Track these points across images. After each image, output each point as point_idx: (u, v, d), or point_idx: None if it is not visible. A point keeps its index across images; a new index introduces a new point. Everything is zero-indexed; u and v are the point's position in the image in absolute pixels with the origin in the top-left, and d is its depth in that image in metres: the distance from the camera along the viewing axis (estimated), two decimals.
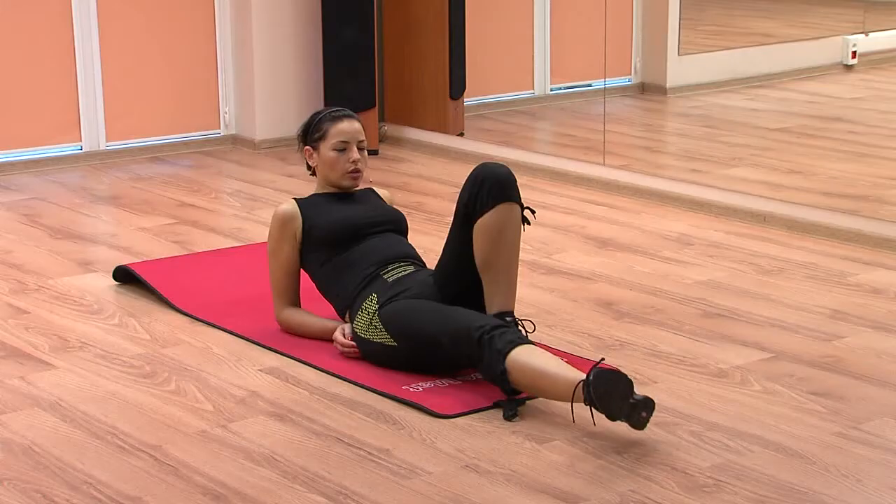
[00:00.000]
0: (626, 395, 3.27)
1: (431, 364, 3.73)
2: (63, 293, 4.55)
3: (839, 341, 4.03)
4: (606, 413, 3.27)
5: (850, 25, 7.37)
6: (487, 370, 3.52)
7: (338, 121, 4.07)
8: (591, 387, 3.27)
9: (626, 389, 3.27)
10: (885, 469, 3.16)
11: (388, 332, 3.75)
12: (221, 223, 5.52)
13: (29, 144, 6.45)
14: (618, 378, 3.27)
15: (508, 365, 3.46)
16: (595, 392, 3.26)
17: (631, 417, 3.28)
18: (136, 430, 3.41)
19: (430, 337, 3.66)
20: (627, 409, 3.27)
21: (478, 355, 3.53)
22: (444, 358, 3.68)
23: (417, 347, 3.70)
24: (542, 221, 4.86)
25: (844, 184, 5.86)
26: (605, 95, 6.97)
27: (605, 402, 3.26)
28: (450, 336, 3.61)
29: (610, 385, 3.27)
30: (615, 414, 3.27)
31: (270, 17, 6.76)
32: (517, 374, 3.46)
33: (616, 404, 3.26)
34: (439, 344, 3.63)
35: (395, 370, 3.76)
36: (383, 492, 3.05)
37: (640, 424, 3.29)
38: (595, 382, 3.27)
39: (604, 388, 3.26)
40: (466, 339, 3.55)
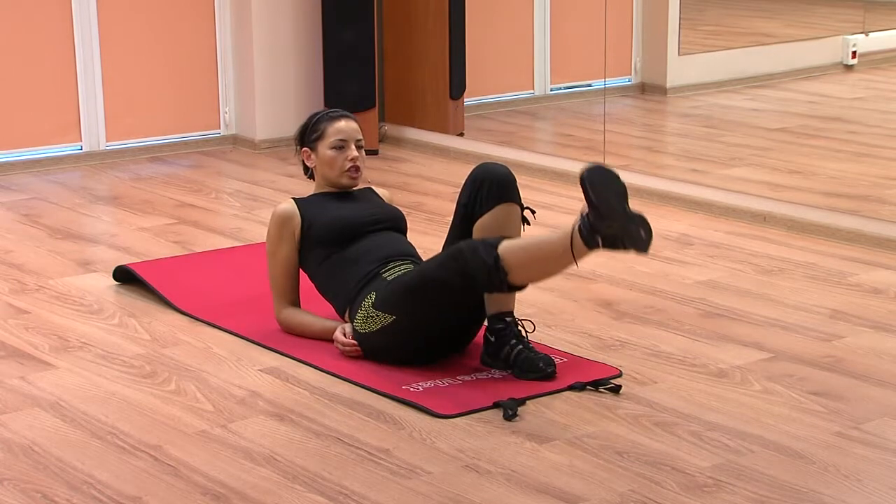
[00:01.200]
0: (622, 194, 3.35)
1: (432, 318, 3.69)
2: (63, 293, 4.56)
3: (839, 341, 4.03)
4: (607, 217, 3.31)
5: (850, 25, 7.37)
6: (482, 266, 3.50)
7: (335, 120, 4.08)
8: (588, 180, 3.35)
9: (621, 188, 3.35)
10: (885, 469, 3.16)
11: (384, 310, 3.73)
12: (221, 223, 5.52)
13: (29, 144, 6.45)
14: (610, 173, 3.37)
15: (501, 251, 3.49)
16: (593, 187, 3.33)
17: (628, 230, 3.31)
18: (137, 430, 3.41)
19: (421, 282, 3.66)
20: (624, 217, 3.32)
21: (469, 259, 3.52)
22: (440, 299, 3.64)
23: (415, 304, 3.68)
24: (542, 221, 4.85)
25: (844, 184, 5.86)
26: (606, 95, 6.97)
27: (603, 198, 3.32)
28: (439, 265, 3.61)
29: (606, 179, 3.36)
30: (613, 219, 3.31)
31: (270, 17, 6.76)
32: (510, 255, 3.48)
33: (613, 204, 3.32)
34: (433, 281, 3.62)
35: (396, 365, 3.77)
36: (383, 492, 3.05)
37: (640, 243, 3.31)
38: (591, 176, 3.36)
39: (600, 182, 3.35)
40: (455, 255, 3.56)
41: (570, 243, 3.43)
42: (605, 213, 3.35)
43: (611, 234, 3.36)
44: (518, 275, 3.52)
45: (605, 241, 3.39)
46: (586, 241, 3.41)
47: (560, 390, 3.62)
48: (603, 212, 3.35)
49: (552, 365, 3.70)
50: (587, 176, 3.39)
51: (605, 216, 3.36)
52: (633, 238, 3.35)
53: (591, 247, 3.42)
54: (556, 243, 3.47)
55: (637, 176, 5.98)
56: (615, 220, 3.35)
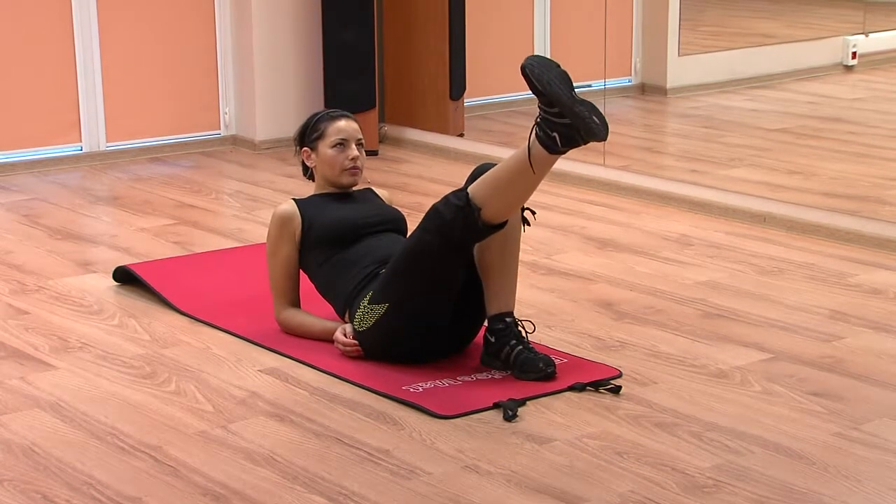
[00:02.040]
0: (564, 78, 3.39)
1: (424, 293, 3.69)
2: (63, 293, 4.56)
3: (839, 342, 4.03)
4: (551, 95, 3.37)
5: (850, 26, 7.37)
6: (454, 213, 3.55)
7: (335, 120, 4.09)
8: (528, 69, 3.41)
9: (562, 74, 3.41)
10: (884, 469, 3.16)
11: (377, 302, 3.73)
12: (221, 224, 5.52)
13: (29, 145, 6.45)
14: (550, 61, 3.43)
15: (470, 189, 3.55)
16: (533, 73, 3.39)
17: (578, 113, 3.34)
18: (136, 431, 3.41)
19: (404, 257, 3.69)
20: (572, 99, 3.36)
21: (443, 212, 3.57)
22: (427, 267, 3.65)
23: (404, 283, 3.69)
24: (542, 222, 4.86)
25: (844, 184, 5.86)
26: (606, 96, 6.96)
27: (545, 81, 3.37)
28: (417, 231, 3.66)
29: (545, 65, 3.42)
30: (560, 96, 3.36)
31: (270, 17, 6.76)
32: (478, 189, 3.55)
33: (557, 86, 3.36)
34: (414, 250, 3.65)
35: (396, 363, 3.77)
36: (383, 492, 3.05)
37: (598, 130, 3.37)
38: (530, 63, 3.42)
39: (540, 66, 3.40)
40: (429, 215, 3.62)
41: (528, 154, 3.44)
42: (553, 99, 3.37)
43: (565, 127, 3.35)
44: (491, 208, 3.55)
45: (563, 138, 3.40)
46: (544, 144, 3.43)
47: (560, 391, 3.62)
48: (551, 98, 3.37)
49: (552, 365, 3.70)
50: (527, 65, 3.45)
51: (553, 102, 3.37)
52: (587, 126, 3.36)
53: (551, 150, 3.43)
54: (517, 159, 3.51)
55: (637, 176, 5.99)
56: (563, 104, 3.35)
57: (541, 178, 3.54)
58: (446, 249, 3.61)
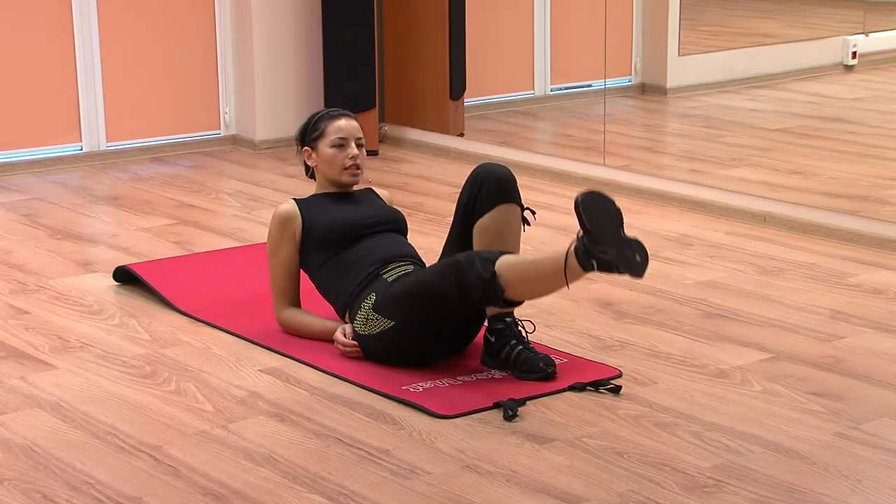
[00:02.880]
0: (615, 217, 3.33)
1: (431, 325, 3.70)
2: (63, 293, 4.56)
3: (839, 341, 4.03)
4: (601, 243, 3.30)
5: (850, 26, 7.37)
6: (479, 282, 3.51)
7: (336, 119, 4.09)
8: (582, 206, 3.32)
9: (615, 211, 3.34)
10: (884, 469, 3.16)
11: (384, 315, 3.74)
12: (221, 223, 5.52)
13: (29, 144, 6.45)
14: (604, 198, 3.35)
15: (498, 267, 3.50)
16: (587, 213, 3.31)
17: (624, 254, 3.30)
18: (136, 431, 3.41)
19: (419, 289, 3.67)
20: (619, 241, 3.31)
21: (468, 271, 3.53)
22: (439, 306, 3.64)
23: (413, 311, 3.69)
24: (542, 222, 4.86)
25: (844, 184, 5.86)
26: (606, 96, 6.97)
27: (597, 223, 3.30)
28: (437, 275, 3.62)
29: (600, 203, 3.34)
30: (608, 244, 3.30)
31: (270, 17, 6.76)
32: (507, 271, 3.49)
33: (608, 229, 3.31)
34: (430, 289, 3.63)
35: (397, 366, 3.77)
36: (383, 492, 3.05)
37: (636, 268, 3.30)
38: (585, 201, 3.33)
39: (595, 207, 3.33)
40: (453, 267, 3.57)
41: (564, 264, 3.42)
42: (598, 239, 3.34)
43: (605, 259, 3.35)
44: (514, 291, 3.54)
45: (600, 264, 3.38)
46: (581, 262, 3.40)
47: (560, 391, 3.62)
48: (597, 237, 3.34)
49: (552, 365, 3.70)
50: (581, 201, 3.37)
51: (598, 241, 3.35)
52: (628, 263, 3.34)
53: (585, 269, 3.41)
54: (552, 263, 3.48)
55: (637, 176, 5.99)
56: (609, 245, 3.34)
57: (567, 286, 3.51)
58: (460, 301, 3.63)
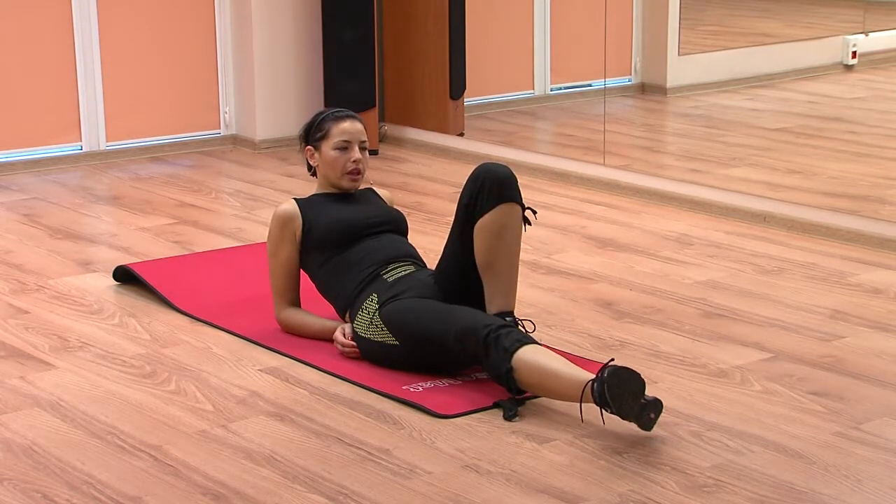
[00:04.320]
0: (638, 394, 3.28)
1: (433, 363, 3.72)
2: (63, 293, 4.56)
3: (839, 341, 4.03)
4: (618, 411, 3.26)
5: (850, 25, 7.37)
6: (493, 369, 3.51)
7: (340, 120, 4.08)
8: (607, 385, 3.25)
9: (639, 388, 3.28)
10: (885, 469, 3.16)
11: (389, 331, 3.74)
12: (221, 223, 5.52)
13: (29, 144, 6.45)
14: (632, 376, 3.27)
15: (515, 363, 3.46)
16: (610, 390, 3.25)
17: (640, 418, 3.28)
18: (136, 430, 3.41)
19: (433, 336, 3.66)
20: (638, 408, 3.27)
21: (483, 353, 3.52)
22: (446, 357, 3.67)
23: (419, 346, 3.70)
24: (542, 221, 4.86)
25: (844, 184, 5.86)
26: (606, 95, 6.96)
27: (618, 400, 3.25)
28: (454, 335, 3.60)
29: (624, 384, 3.26)
30: (626, 413, 3.27)
31: (270, 17, 6.76)
32: (524, 372, 3.45)
33: (628, 403, 3.26)
34: (443, 343, 3.63)
35: (395, 370, 3.77)
36: (383, 492, 3.05)
37: (647, 425, 3.30)
38: (610, 381, 3.26)
39: (618, 386, 3.26)
40: (472, 338, 3.55)
41: (581, 396, 3.35)
42: (619, 413, 3.29)
43: (623, 413, 3.31)
44: (522, 384, 3.49)
45: (616, 413, 3.31)
46: (597, 403, 3.32)
47: None
48: (618, 411, 3.29)
49: None
50: (604, 391, 3.26)
51: (619, 414, 3.30)
52: (642, 421, 3.31)
53: (599, 405, 3.34)
54: (569, 385, 3.39)
55: (637, 176, 5.99)
56: (629, 415, 3.30)
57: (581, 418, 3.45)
58: (467, 363, 3.65)
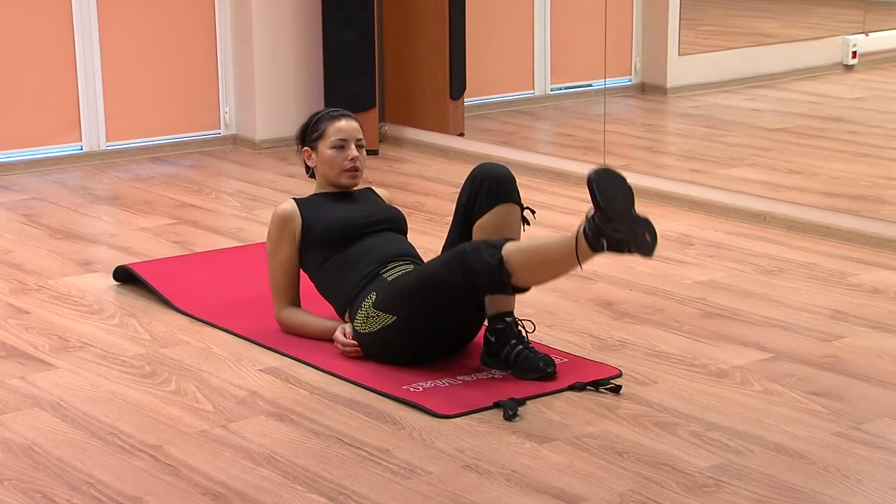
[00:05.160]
0: (627, 197, 3.33)
1: (434, 319, 3.69)
2: (63, 293, 4.56)
3: (839, 341, 4.03)
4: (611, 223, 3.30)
5: (850, 25, 7.37)
6: (485, 269, 3.50)
7: (336, 119, 4.08)
8: (596, 184, 3.32)
9: (627, 190, 3.34)
10: (885, 469, 3.16)
11: (385, 311, 3.73)
12: (221, 223, 5.52)
13: (29, 144, 6.45)
14: (618, 177, 3.35)
15: (505, 252, 3.50)
16: (600, 189, 3.31)
17: (636, 235, 3.30)
18: (137, 430, 3.41)
19: (423, 280, 3.66)
20: (630, 219, 3.31)
21: (474, 259, 3.53)
22: (442, 300, 3.64)
23: (416, 304, 3.68)
24: (542, 221, 4.85)
25: (844, 184, 5.86)
26: (606, 95, 6.97)
27: (610, 203, 3.30)
28: (441, 264, 3.62)
29: (613, 183, 3.34)
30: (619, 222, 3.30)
31: (270, 17, 6.76)
32: (514, 256, 3.49)
33: (619, 207, 3.31)
34: (434, 280, 3.63)
35: (397, 365, 3.77)
36: (383, 492, 3.05)
37: (645, 247, 3.31)
38: (598, 178, 3.33)
39: (607, 184, 3.32)
40: (458, 256, 3.57)
41: (575, 246, 3.43)
42: (611, 216, 3.34)
43: (616, 238, 3.36)
44: (521, 277, 3.53)
45: (610, 244, 3.39)
46: (591, 244, 3.41)
47: (560, 390, 3.62)
48: (609, 215, 3.34)
49: (552, 365, 3.70)
50: (594, 178, 3.38)
51: (611, 219, 3.35)
52: (638, 242, 3.35)
53: (595, 250, 3.42)
54: (561, 246, 3.47)
55: (637, 176, 5.96)
56: (622, 223, 3.34)
57: (580, 266, 3.51)
58: (465, 290, 3.62)
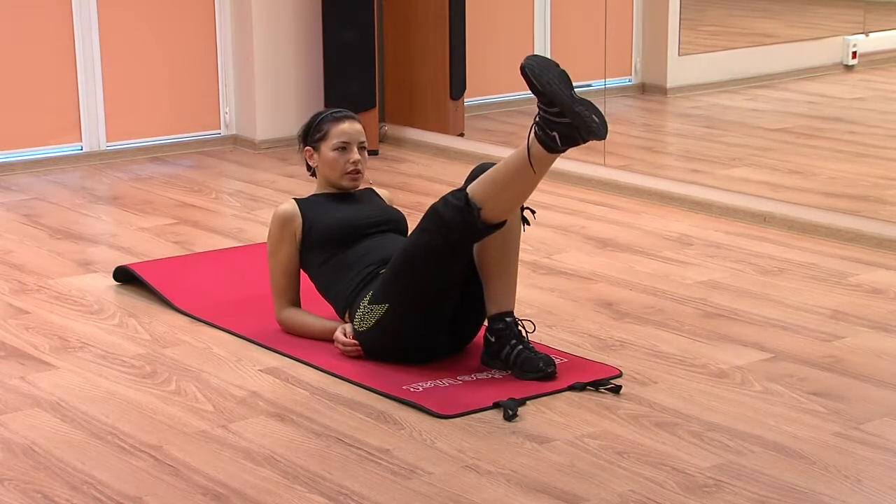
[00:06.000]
0: (564, 80, 3.40)
1: (424, 294, 3.69)
2: (63, 293, 4.56)
3: (839, 341, 4.03)
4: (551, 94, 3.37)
5: (850, 25, 7.37)
6: (454, 211, 3.55)
7: (339, 121, 4.08)
8: (527, 69, 3.41)
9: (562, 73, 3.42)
10: (885, 469, 3.16)
11: (377, 302, 3.73)
12: (221, 223, 5.52)
13: (29, 144, 6.45)
14: (549, 61, 3.43)
15: (469, 190, 3.55)
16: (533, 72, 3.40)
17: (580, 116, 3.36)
18: (137, 430, 3.41)
19: (404, 257, 3.68)
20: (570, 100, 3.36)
21: (442, 207, 3.58)
22: (427, 267, 3.64)
23: (404, 283, 3.68)
24: (542, 221, 4.86)
25: (844, 184, 5.86)
26: (606, 95, 6.96)
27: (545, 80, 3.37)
28: (416, 232, 3.66)
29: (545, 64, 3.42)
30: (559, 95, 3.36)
31: (270, 17, 6.76)
32: (478, 188, 3.55)
33: (557, 84, 3.37)
34: (414, 248, 3.65)
35: (397, 363, 3.77)
36: (383, 492, 3.05)
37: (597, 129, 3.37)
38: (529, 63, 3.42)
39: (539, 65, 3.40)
40: (429, 215, 3.62)
41: (528, 152, 3.45)
42: (552, 98, 3.37)
43: (564, 127, 3.37)
44: (491, 207, 3.56)
45: (562, 137, 3.42)
46: (544, 143, 3.44)
47: (560, 390, 3.62)
48: (551, 97, 3.38)
49: (552, 365, 3.70)
50: (527, 64, 3.44)
51: (553, 102, 3.38)
52: (587, 125, 3.38)
53: (550, 149, 3.44)
54: (516, 158, 3.52)
55: (637, 176, 5.99)
56: (563, 103, 3.36)
57: (540, 176, 3.55)
58: (445, 249, 3.61)
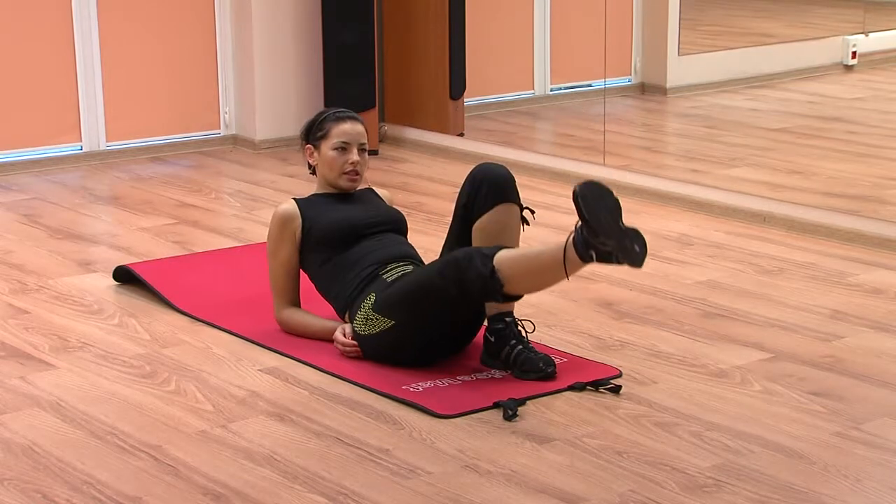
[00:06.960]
0: (613, 210, 3.36)
1: (431, 323, 3.70)
2: (63, 293, 4.56)
3: (839, 341, 4.03)
4: (599, 235, 3.32)
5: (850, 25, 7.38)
6: (478, 277, 3.52)
7: (341, 121, 4.08)
8: (580, 196, 3.35)
9: (613, 203, 3.37)
10: (885, 469, 3.16)
11: (384, 315, 3.73)
12: (221, 223, 5.52)
13: (29, 144, 6.45)
14: (603, 189, 3.38)
15: (496, 261, 3.52)
16: (585, 202, 3.34)
17: (624, 246, 3.33)
18: (137, 430, 3.41)
19: (420, 286, 3.67)
20: (618, 232, 3.33)
21: (466, 267, 3.54)
22: (437, 306, 3.64)
23: (412, 310, 3.69)
24: (541, 222, 4.85)
25: (844, 184, 5.86)
26: (605, 95, 6.97)
27: (595, 215, 3.33)
28: (437, 272, 3.63)
29: (597, 194, 3.37)
30: (607, 234, 3.32)
31: (270, 17, 6.76)
32: (506, 264, 3.51)
33: (605, 220, 3.33)
34: (431, 287, 3.63)
35: (397, 366, 3.77)
36: (383, 492, 3.05)
37: (634, 257, 3.33)
38: (583, 191, 3.35)
39: (592, 196, 3.35)
40: (452, 264, 3.58)
41: (563, 257, 3.44)
42: (597, 230, 3.36)
43: (605, 250, 3.37)
44: (513, 285, 3.55)
45: (599, 255, 3.40)
46: (580, 254, 3.42)
47: (560, 390, 3.62)
48: (596, 229, 3.36)
49: (552, 365, 3.70)
50: (580, 192, 3.39)
51: (598, 233, 3.36)
52: (626, 253, 3.36)
53: (584, 260, 3.43)
54: (551, 256, 3.49)
55: (637, 176, 5.99)
56: (609, 236, 3.35)
57: (567, 277, 3.53)
58: (458, 299, 3.63)
